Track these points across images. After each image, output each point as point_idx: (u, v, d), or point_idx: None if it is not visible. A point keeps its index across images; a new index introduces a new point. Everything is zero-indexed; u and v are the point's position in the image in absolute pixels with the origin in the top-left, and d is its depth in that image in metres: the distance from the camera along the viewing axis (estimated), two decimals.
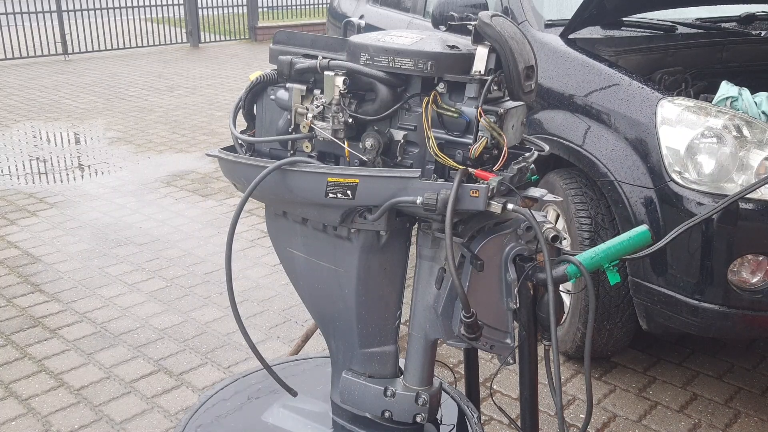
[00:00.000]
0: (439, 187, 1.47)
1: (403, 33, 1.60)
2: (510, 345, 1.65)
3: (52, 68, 10.26)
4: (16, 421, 2.72)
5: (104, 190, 5.30)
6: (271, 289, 3.79)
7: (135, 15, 12.64)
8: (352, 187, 1.54)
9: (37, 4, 11.19)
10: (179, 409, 2.81)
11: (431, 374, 1.80)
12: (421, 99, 1.54)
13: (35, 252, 4.22)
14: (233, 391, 2.09)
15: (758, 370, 3.08)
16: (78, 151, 6.35)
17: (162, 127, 7.10)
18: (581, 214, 2.82)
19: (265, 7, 14.15)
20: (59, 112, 7.70)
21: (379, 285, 1.74)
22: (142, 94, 8.63)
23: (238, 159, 1.72)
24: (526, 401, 1.73)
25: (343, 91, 1.54)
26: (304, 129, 1.61)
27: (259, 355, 1.69)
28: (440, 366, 2.41)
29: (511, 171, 1.55)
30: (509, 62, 1.49)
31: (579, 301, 2.87)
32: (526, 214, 1.50)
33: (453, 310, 1.66)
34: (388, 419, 1.79)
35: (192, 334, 3.34)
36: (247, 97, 1.74)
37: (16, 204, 5.01)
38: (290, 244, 1.81)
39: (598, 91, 2.81)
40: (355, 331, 1.79)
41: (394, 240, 1.70)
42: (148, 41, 12.13)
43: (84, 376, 3.01)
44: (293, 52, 1.68)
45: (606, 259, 1.64)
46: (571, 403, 2.85)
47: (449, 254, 1.45)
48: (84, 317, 3.48)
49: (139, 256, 4.17)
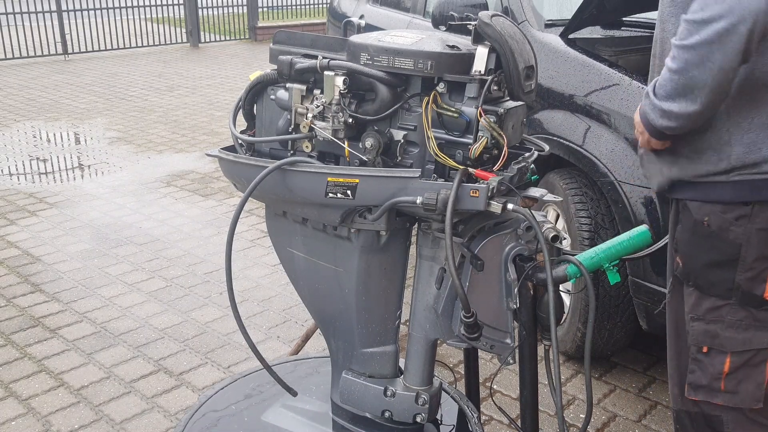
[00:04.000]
0: (439, 187, 1.47)
1: (403, 33, 1.60)
2: (510, 345, 1.65)
3: (52, 68, 10.26)
4: (16, 421, 2.72)
5: (104, 190, 5.30)
6: (271, 289, 3.78)
7: (135, 15, 12.64)
8: (352, 187, 1.54)
9: (37, 4, 11.19)
10: (179, 409, 2.81)
11: (431, 374, 1.80)
12: (421, 99, 1.54)
13: (35, 252, 4.22)
14: (233, 391, 2.09)
15: None
16: (78, 151, 6.35)
17: (162, 127, 7.10)
18: (581, 214, 2.82)
19: (265, 7, 14.15)
20: (59, 112, 7.70)
21: (379, 285, 1.74)
22: (142, 94, 8.62)
23: (238, 159, 1.72)
24: (526, 401, 1.73)
25: (343, 91, 1.54)
26: (304, 129, 1.61)
27: (259, 355, 1.69)
28: (440, 366, 2.41)
29: (511, 171, 1.55)
30: (509, 62, 1.49)
31: (579, 301, 2.87)
32: (526, 214, 1.50)
33: (453, 310, 1.66)
34: (388, 419, 1.79)
35: (192, 334, 3.34)
36: (247, 97, 1.74)
37: (16, 204, 5.01)
38: (290, 244, 1.81)
39: (598, 91, 2.81)
40: (355, 331, 1.79)
41: (394, 240, 1.70)
42: (148, 41, 12.13)
43: (84, 376, 3.01)
44: (293, 52, 1.67)
45: (606, 259, 1.64)
46: (571, 403, 2.85)
47: (449, 254, 1.45)
48: (84, 317, 3.48)
49: (139, 256, 4.17)
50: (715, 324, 1.72)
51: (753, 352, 1.72)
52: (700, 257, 1.71)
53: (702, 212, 1.69)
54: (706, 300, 1.72)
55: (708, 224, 1.68)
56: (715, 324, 1.72)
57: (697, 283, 1.73)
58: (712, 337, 1.73)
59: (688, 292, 1.75)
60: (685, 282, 1.75)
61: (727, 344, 1.72)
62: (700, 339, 1.74)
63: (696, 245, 1.71)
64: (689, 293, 1.75)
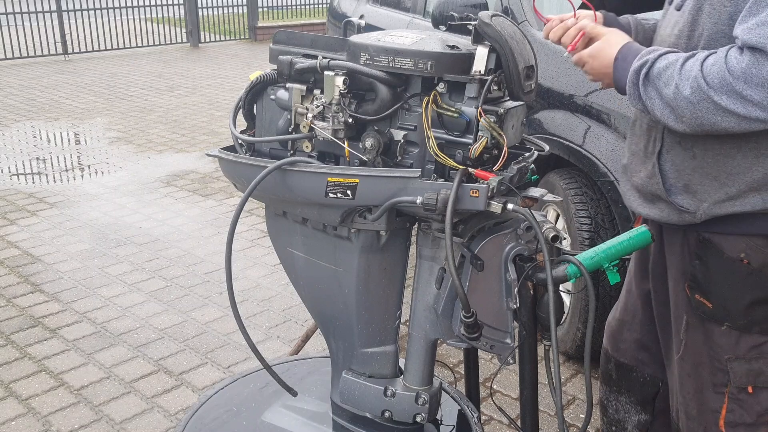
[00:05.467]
0: (439, 187, 1.47)
1: (403, 33, 1.60)
2: (510, 345, 1.65)
3: (52, 68, 10.26)
4: (16, 421, 2.72)
5: (104, 190, 5.30)
6: (271, 289, 3.78)
7: (135, 15, 12.64)
8: (352, 187, 1.53)
9: (37, 4, 11.19)
10: (179, 409, 2.81)
11: (431, 374, 1.80)
12: (421, 99, 1.54)
13: (35, 252, 4.22)
14: (233, 390, 2.09)
15: None
16: (78, 151, 6.35)
17: (162, 127, 7.10)
18: (581, 214, 2.82)
19: (265, 7, 14.15)
20: (59, 112, 7.70)
21: (379, 285, 1.74)
22: (142, 94, 8.62)
23: (238, 159, 1.72)
24: (526, 401, 1.73)
25: (343, 91, 1.54)
26: (304, 129, 1.61)
27: (259, 355, 1.69)
28: (440, 366, 2.41)
29: (511, 171, 1.55)
30: (509, 62, 1.49)
31: (579, 301, 2.87)
32: (526, 214, 1.50)
33: (453, 310, 1.66)
34: (388, 419, 1.79)
35: (192, 334, 3.34)
36: (247, 97, 1.74)
37: (16, 204, 5.01)
38: (290, 244, 1.81)
39: (598, 91, 2.81)
40: (355, 331, 1.79)
41: (394, 240, 1.70)
42: (148, 41, 12.13)
43: (84, 376, 3.01)
44: (293, 52, 1.67)
45: (606, 259, 1.64)
46: (571, 403, 2.85)
47: (449, 254, 1.45)
48: (84, 317, 3.48)
49: (139, 256, 4.17)
50: (758, 361, 1.62)
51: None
52: (741, 298, 1.58)
53: (737, 248, 1.56)
54: (748, 338, 1.61)
55: (748, 262, 1.55)
56: (758, 361, 1.62)
57: (735, 324, 1.61)
58: (756, 375, 1.63)
59: (722, 332, 1.63)
60: (716, 322, 1.63)
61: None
62: (744, 380, 1.64)
63: (734, 286, 1.58)
64: (724, 333, 1.63)
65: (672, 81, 1.43)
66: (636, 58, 1.53)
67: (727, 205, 1.53)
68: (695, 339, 1.69)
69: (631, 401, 2.04)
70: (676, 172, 1.59)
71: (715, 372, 1.67)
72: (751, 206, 1.51)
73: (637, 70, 1.51)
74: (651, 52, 1.52)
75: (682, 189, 1.59)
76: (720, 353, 1.64)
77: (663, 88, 1.45)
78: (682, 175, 1.58)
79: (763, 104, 1.34)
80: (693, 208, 1.57)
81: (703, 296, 1.62)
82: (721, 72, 1.36)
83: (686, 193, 1.58)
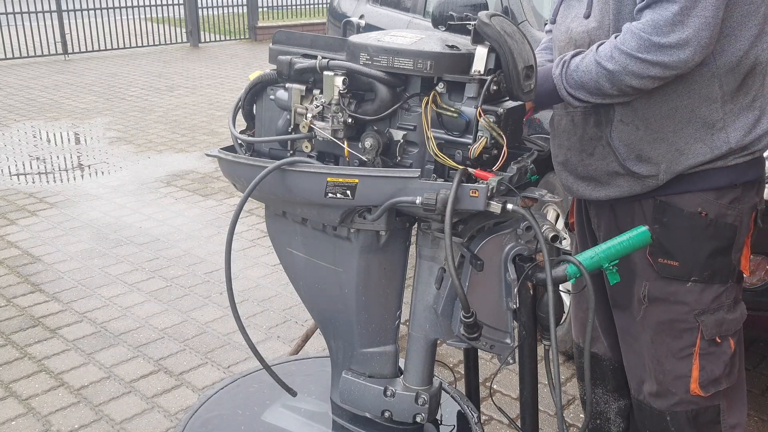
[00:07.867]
0: (439, 187, 1.47)
1: (402, 33, 1.60)
2: (510, 345, 1.65)
3: (52, 68, 10.26)
4: (16, 421, 2.73)
5: (104, 190, 5.30)
6: (271, 289, 3.79)
7: (135, 15, 12.64)
8: (351, 187, 1.53)
9: (37, 4, 11.19)
10: (179, 409, 2.81)
11: (431, 374, 1.80)
12: (420, 99, 1.54)
13: (35, 252, 4.22)
14: (233, 391, 2.09)
15: (758, 370, 3.08)
16: (78, 150, 6.35)
17: (162, 127, 7.10)
18: None
19: (265, 7, 14.15)
20: (59, 112, 7.70)
21: (379, 285, 1.74)
22: (142, 94, 8.63)
23: (237, 159, 1.72)
24: (526, 401, 1.73)
25: (343, 91, 1.54)
26: (303, 129, 1.61)
27: (259, 355, 1.69)
28: (440, 366, 2.41)
29: (511, 171, 1.55)
30: (509, 62, 1.48)
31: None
32: (525, 214, 1.50)
33: (453, 310, 1.66)
34: (388, 419, 1.79)
35: (192, 334, 3.34)
36: (247, 97, 1.74)
37: (16, 204, 5.01)
38: (290, 244, 1.81)
39: None
40: (354, 331, 1.79)
41: (393, 240, 1.70)
42: (148, 41, 12.13)
43: (84, 375, 3.01)
44: (293, 52, 1.67)
45: (606, 259, 1.64)
46: (571, 403, 2.85)
47: (449, 254, 1.45)
48: (84, 317, 3.48)
49: (139, 256, 4.17)
50: (719, 311, 1.75)
51: (739, 327, 1.79)
52: (702, 249, 1.72)
53: (693, 203, 1.70)
54: (709, 290, 1.74)
55: (706, 214, 1.69)
56: (719, 311, 1.75)
57: (701, 276, 1.73)
58: (719, 324, 1.75)
59: (688, 289, 1.75)
60: (682, 280, 1.75)
61: (731, 327, 1.77)
62: (714, 330, 1.76)
63: (695, 238, 1.72)
64: (689, 290, 1.75)
65: (592, 64, 1.63)
66: (552, 69, 1.72)
67: (682, 159, 1.68)
68: (656, 306, 1.80)
69: (607, 390, 2.14)
70: (626, 147, 1.73)
71: (680, 335, 1.77)
72: (701, 156, 1.66)
73: (559, 75, 1.69)
74: (561, 58, 1.71)
75: (636, 159, 1.73)
76: (688, 312, 1.76)
77: (585, 74, 1.64)
78: (632, 148, 1.72)
79: (680, 44, 1.51)
80: (654, 172, 1.71)
81: (666, 257, 1.75)
82: (634, 36, 1.56)
83: (642, 161, 1.72)
